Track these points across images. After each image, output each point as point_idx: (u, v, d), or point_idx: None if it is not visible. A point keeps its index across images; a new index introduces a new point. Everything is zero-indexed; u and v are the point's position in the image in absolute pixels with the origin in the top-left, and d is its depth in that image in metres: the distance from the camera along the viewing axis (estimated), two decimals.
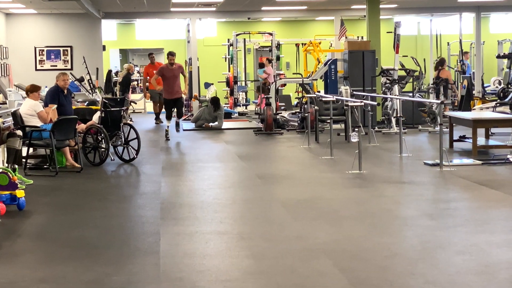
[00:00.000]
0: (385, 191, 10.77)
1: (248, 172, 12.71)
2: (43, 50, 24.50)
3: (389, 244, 7.50)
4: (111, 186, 11.97)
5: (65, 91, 13.45)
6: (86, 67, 21.19)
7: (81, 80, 19.66)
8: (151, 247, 7.45)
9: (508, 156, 13.17)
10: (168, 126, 18.37)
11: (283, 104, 22.82)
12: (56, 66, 24.14)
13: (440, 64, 21.58)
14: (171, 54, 18.44)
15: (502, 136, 15.84)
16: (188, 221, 8.77)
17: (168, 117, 18.50)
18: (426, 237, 7.82)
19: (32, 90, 13.13)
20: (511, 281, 6.11)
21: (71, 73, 21.03)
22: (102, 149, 13.53)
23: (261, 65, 25.07)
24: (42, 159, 12.96)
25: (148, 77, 22.44)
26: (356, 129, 13.13)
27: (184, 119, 23.25)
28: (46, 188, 11.25)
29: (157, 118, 23.13)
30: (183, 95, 19.35)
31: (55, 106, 12.92)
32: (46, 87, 18.67)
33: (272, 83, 21.08)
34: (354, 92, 18.17)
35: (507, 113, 17.56)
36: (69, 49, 24.51)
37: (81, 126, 13.46)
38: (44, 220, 9.10)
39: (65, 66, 24.12)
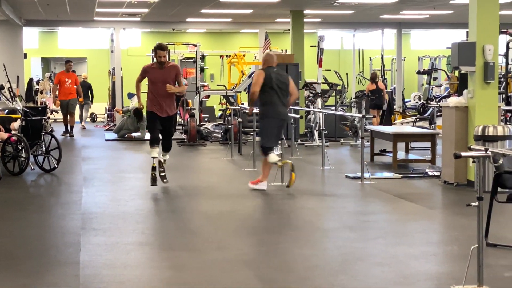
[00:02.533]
0: (307, 203, 10.85)
1: (171, 183, 12.66)
2: None
3: (310, 255, 7.56)
4: (31, 196, 11.81)
5: None
6: (7, 75, 20.86)
7: (0, 88, 19.35)
8: (71, 258, 7.38)
9: (427, 170, 13.39)
10: (154, 159, 11.72)
11: (207, 115, 22.84)
12: None
13: (375, 77, 22.23)
14: (160, 48, 11.61)
15: (421, 150, 16.09)
16: (110, 232, 8.70)
17: (153, 141, 11.75)
18: (346, 249, 7.90)
19: None
20: None
21: None
22: (22, 159, 13.29)
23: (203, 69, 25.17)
24: None
25: (58, 85, 21.69)
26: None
27: (107, 129, 23.07)
28: None
29: (65, 131, 21.56)
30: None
31: None
32: None
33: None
34: None
35: (426, 128, 17.87)
36: None
37: (1, 135, 13.26)
38: None
39: None
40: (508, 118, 21.39)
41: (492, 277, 6.46)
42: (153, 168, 11.61)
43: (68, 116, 21.62)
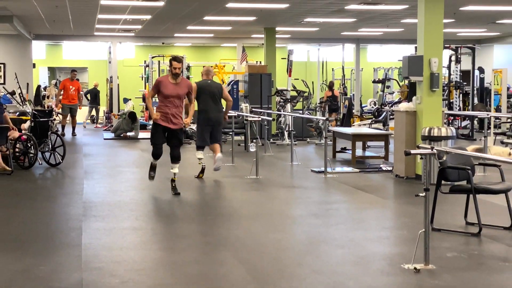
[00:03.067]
0: (278, 194, 10.86)
1: (161, 176, 12.62)
2: None
3: (281, 239, 7.57)
4: (39, 187, 11.74)
5: None
6: (18, 82, 20.70)
7: (12, 93, 19.16)
8: (74, 241, 7.35)
9: (381, 165, 13.45)
10: (151, 172, 10.58)
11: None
12: None
13: (332, 85, 22.46)
14: (175, 60, 9.97)
15: (376, 148, 16.15)
16: (107, 218, 8.66)
17: (156, 157, 10.35)
18: (312, 233, 7.92)
19: None
20: (381, 271, 6.25)
21: (3, 87, 20.66)
22: (31, 155, 13.27)
23: None
24: None
25: (62, 90, 21.44)
26: (254, 141, 13.24)
27: (105, 130, 22.96)
28: None
29: (62, 132, 20.42)
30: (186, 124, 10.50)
31: None
32: None
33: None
34: (253, 109, 18.30)
35: (381, 129, 17.94)
36: (2, 66, 24.14)
37: (13, 134, 13.20)
38: None
39: None
40: (450, 121, 21.55)
41: (437, 257, 6.50)
42: (152, 168, 10.51)
43: (71, 119, 21.36)
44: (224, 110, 12.66)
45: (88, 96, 26.13)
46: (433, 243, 6.63)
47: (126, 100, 25.00)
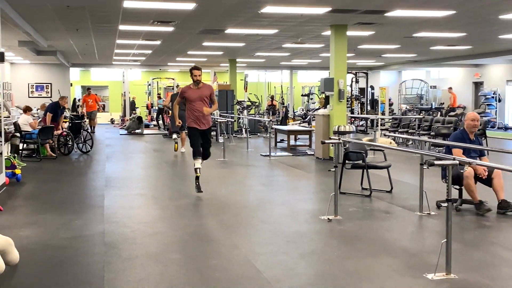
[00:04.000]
0: (238, 170, 10.86)
1: (159, 159, 12.54)
2: (33, 85, 23.55)
3: (240, 200, 7.58)
4: (75, 167, 11.55)
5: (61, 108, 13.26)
6: (60, 96, 20.37)
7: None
8: (98, 203, 7.26)
9: (306, 151, 13.53)
10: (197, 170, 8.20)
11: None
12: (41, 95, 23.32)
13: (272, 98, 22.57)
14: (195, 68, 8.29)
15: (303, 139, 16.24)
16: (122, 188, 8.57)
17: (197, 154, 8.23)
18: (260, 196, 7.94)
19: (26, 110, 13.07)
20: (306, 221, 6.28)
21: (50, 100, 20.26)
22: (69, 145, 13.14)
23: (159, 97, 24.77)
24: (32, 150, 12.44)
25: (84, 103, 21.23)
26: (222, 135, 13.21)
27: (120, 128, 22.66)
28: (33, 169, 10.75)
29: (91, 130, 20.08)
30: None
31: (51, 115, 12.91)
32: (36, 108, 18.02)
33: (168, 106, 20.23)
34: (222, 114, 18.24)
35: (306, 127, 18.01)
36: (49, 84, 23.65)
37: (58, 131, 13.05)
38: (33, 188, 8.69)
39: (47, 95, 23.27)
40: (352, 121, 21.71)
41: (343, 211, 6.57)
42: (197, 178, 8.12)
43: (91, 121, 20.96)
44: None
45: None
46: (340, 202, 6.68)
47: (134, 108, 24.82)
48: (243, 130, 18.89)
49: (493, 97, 23.07)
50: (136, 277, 4.27)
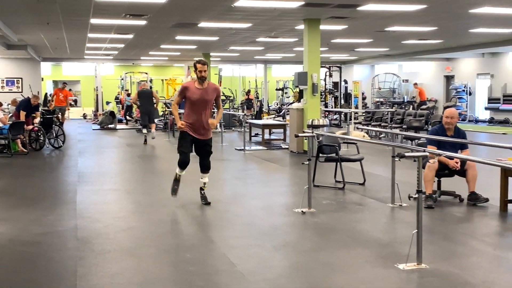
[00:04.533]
0: (213, 165, 10.60)
1: (132, 154, 12.45)
2: (3, 80, 23.25)
3: (214, 194, 7.55)
4: (46, 163, 11.40)
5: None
6: (31, 91, 20.01)
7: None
8: (71, 199, 7.18)
9: (281, 145, 13.58)
10: (174, 185, 6.88)
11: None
12: (12, 90, 22.97)
13: (248, 92, 22.54)
14: (200, 63, 6.57)
15: (278, 133, 16.29)
16: (95, 183, 8.50)
17: (182, 165, 6.79)
18: (235, 190, 7.96)
19: None
20: (280, 213, 6.32)
21: (21, 95, 19.93)
22: (41, 140, 12.96)
23: (129, 94, 24.11)
24: (2, 146, 12.22)
25: (54, 96, 20.50)
26: None
27: (93, 123, 22.40)
28: (4, 164, 10.59)
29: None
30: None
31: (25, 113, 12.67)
32: (6, 103, 17.75)
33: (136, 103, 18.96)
34: None
35: (281, 121, 18.06)
36: (20, 79, 23.33)
37: (29, 127, 12.84)
38: (4, 184, 8.56)
39: (17, 90, 22.90)
40: (326, 115, 21.86)
41: (316, 203, 6.63)
42: (176, 181, 6.80)
43: (60, 115, 19.95)
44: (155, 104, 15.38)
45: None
46: (314, 195, 6.73)
47: (108, 103, 24.53)
48: (218, 124, 18.84)
49: (464, 90, 23.45)
50: (110, 271, 4.25)
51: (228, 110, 21.61)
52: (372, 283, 3.97)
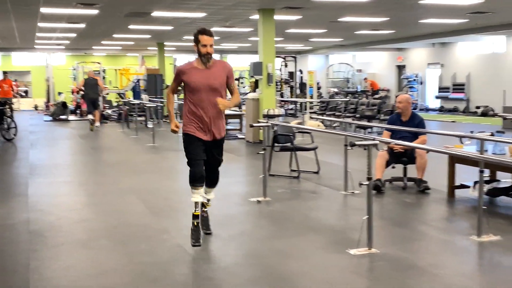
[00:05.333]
0: (168, 155, 10.80)
1: (85, 145, 12.26)
2: None
3: (170, 185, 7.58)
4: None
5: None
6: None
7: None
8: (23, 191, 7.04)
9: (237, 134, 13.62)
10: (196, 206, 4.74)
11: (108, 105, 22.09)
12: None
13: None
14: (206, 34, 4.52)
15: (234, 123, 16.29)
16: (47, 175, 8.34)
17: (196, 179, 4.74)
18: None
19: None
20: (236, 203, 6.36)
21: None
22: None
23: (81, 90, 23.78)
24: None
25: (0, 88, 19.95)
26: (151, 120, 13.08)
27: (45, 114, 21.89)
28: None
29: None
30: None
31: None
32: None
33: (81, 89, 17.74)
34: (150, 98, 18.01)
35: (237, 111, 18.07)
36: None
37: None
38: None
39: None
40: (282, 105, 21.99)
41: (272, 192, 6.70)
42: (195, 217, 4.73)
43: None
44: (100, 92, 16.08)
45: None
46: (270, 184, 6.80)
47: (60, 93, 24.04)
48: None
49: (415, 80, 24.00)
50: (63, 264, 4.21)
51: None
52: (324, 268, 4.07)
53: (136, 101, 16.35)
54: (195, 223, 4.70)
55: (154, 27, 15.89)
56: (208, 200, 5.16)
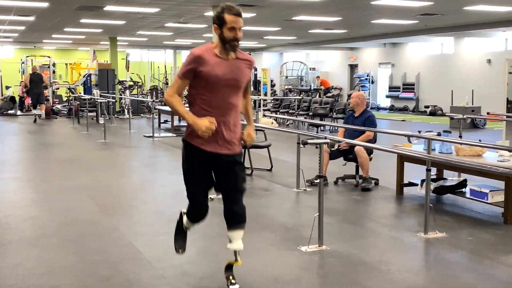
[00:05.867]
0: (120, 152, 10.67)
1: (34, 141, 11.96)
2: None
3: (122, 182, 7.49)
4: None
5: None
6: None
7: None
8: None
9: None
10: (179, 232, 3.77)
11: (57, 100, 21.60)
12: None
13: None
14: (234, 13, 3.11)
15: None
16: None
17: (196, 216, 3.59)
18: (143, 177, 7.89)
19: None
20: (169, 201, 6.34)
21: None
22: None
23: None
24: None
25: None
26: (102, 115, 12.88)
27: None
28: None
29: None
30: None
31: None
32: None
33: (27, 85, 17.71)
34: (102, 94, 17.71)
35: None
36: None
37: None
38: None
39: None
40: None
41: None
42: (181, 232, 3.87)
43: None
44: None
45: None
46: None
47: (7, 87, 23.31)
48: (125, 110, 18.51)
49: (366, 79, 24.47)
50: (10, 262, 4.11)
51: (136, 95, 21.23)
52: (275, 265, 4.12)
53: (87, 96, 16.05)
54: (180, 241, 3.75)
55: (106, 21, 15.63)
56: (236, 252, 3.48)
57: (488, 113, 10.87)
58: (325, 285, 3.75)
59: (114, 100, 16.74)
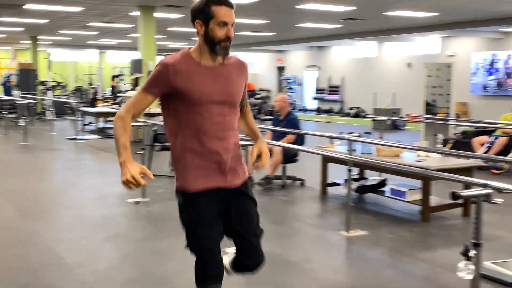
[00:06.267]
0: (42, 154, 10.30)
1: None
2: None
3: (42, 186, 7.24)
4: None
5: None
6: None
7: None
8: None
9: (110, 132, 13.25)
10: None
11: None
12: None
13: (114, 77, 21.76)
14: (225, 4, 2.33)
15: (109, 122, 15.86)
16: None
17: (208, 279, 2.40)
18: (66, 181, 7.67)
19: None
20: (114, 204, 6.22)
21: None
22: None
23: None
24: None
25: None
26: (23, 117, 12.40)
27: None
28: None
29: None
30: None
31: None
32: None
33: None
34: (22, 95, 17.02)
35: (116, 109, 17.64)
36: None
37: None
38: None
39: None
40: None
41: (151, 192, 6.58)
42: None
43: None
44: None
45: None
46: (149, 184, 6.68)
47: None
48: (47, 112, 17.89)
49: (294, 81, 24.88)
50: None
51: (59, 96, 20.59)
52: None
53: (7, 97, 15.41)
54: None
55: (27, 20, 15.05)
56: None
57: (407, 115, 11.34)
58: (249, 286, 3.79)
59: (35, 101, 16.13)
